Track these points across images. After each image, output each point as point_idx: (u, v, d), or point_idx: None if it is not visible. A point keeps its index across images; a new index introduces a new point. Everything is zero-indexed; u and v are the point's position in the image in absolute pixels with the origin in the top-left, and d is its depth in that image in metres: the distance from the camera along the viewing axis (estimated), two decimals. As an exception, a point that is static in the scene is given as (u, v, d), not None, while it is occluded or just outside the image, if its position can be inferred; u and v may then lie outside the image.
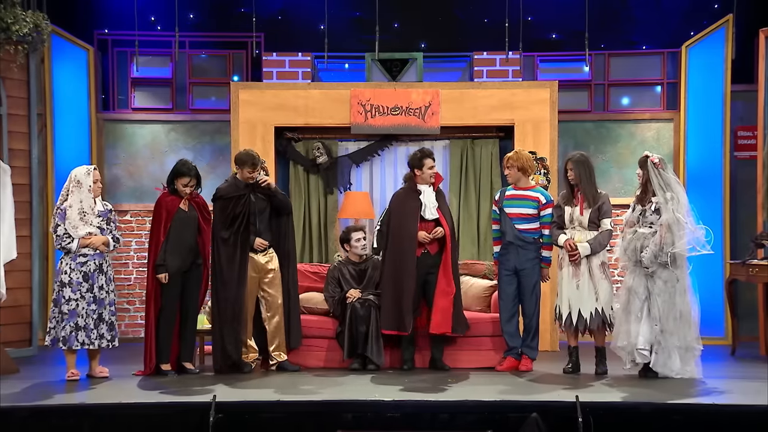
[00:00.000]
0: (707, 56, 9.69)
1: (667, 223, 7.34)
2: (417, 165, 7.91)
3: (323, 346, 8.06)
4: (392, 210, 8.03)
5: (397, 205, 7.96)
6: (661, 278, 7.39)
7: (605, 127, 10.18)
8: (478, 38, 10.19)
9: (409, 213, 7.83)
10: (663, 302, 7.38)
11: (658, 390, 6.94)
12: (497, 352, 8.00)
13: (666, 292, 7.39)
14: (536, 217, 7.76)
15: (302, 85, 9.73)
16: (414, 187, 7.93)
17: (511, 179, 7.85)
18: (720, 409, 6.21)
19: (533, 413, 5.91)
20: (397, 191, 8.12)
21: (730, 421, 6.04)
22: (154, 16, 10.31)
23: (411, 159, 8.02)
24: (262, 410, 6.19)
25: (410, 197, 7.90)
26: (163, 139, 10.22)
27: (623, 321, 7.48)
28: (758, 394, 6.74)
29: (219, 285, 7.66)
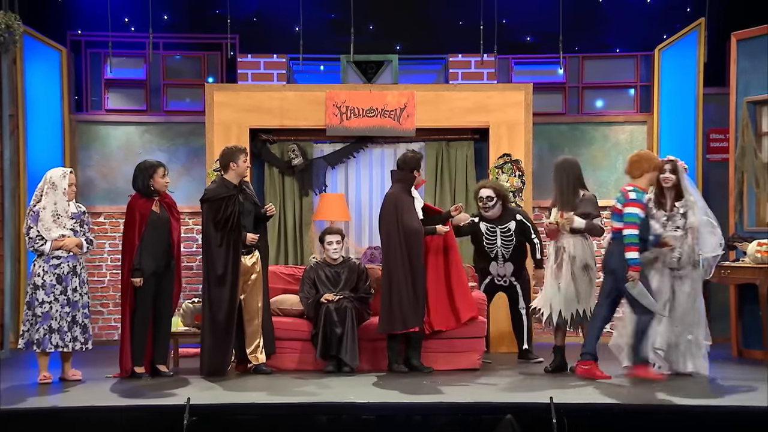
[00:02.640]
0: (680, 59, 9.77)
1: (698, 225, 7.50)
2: (417, 166, 7.97)
3: (298, 348, 8.06)
4: (393, 209, 7.90)
5: (397, 203, 7.89)
6: (690, 279, 7.56)
7: (579, 129, 10.24)
8: (453, 40, 10.22)
9: (412, 211, 7.85)
10: (687, 302, 7.55)
11: (630, 391, 6.99)
12: (471, 354, 8.02)
13: (693, 292, 7.57)
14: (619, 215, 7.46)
15: (277, 86, 9.72)
16: (408, 187, 7.95)
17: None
18: (690, 410, 6.26)
19: (508, 415, 5.94)
20: (392, 193, 8.00)
21: (700, 422, 6.09)
22: (127, 17, 10.27)
23: (410, 160, 7.99)
24: (237, 413, 6.18)
25: (407, 196, 7.91)
26: (137, 141, 10.18)
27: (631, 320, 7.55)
28: (729, 396, 6.81)
29: (213, 286, 7.64)
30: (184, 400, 6.00)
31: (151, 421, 6.13)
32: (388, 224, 7.87)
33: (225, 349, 7.64)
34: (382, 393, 6.82)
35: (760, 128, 9.05)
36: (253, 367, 7.80)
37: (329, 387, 7.09)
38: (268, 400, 6.53)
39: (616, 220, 7.40)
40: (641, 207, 7.29)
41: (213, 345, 7.63)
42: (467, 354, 8.05)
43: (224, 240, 7.63)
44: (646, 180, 7.42)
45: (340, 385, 7.19)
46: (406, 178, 7.96)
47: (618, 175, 10.12)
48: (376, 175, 9.91)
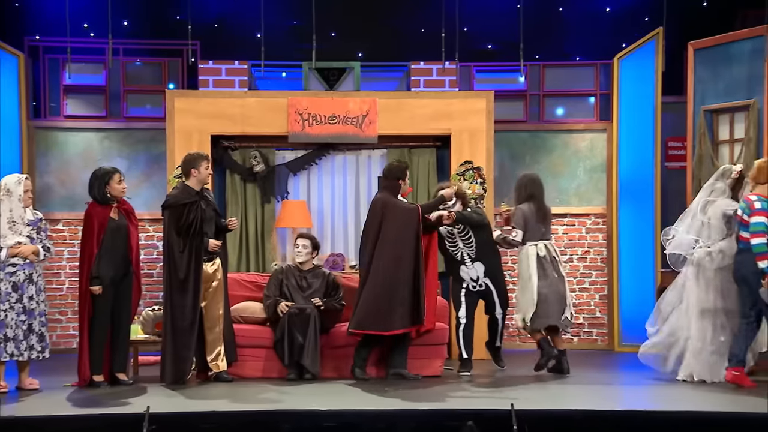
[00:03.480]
0: (638, 68, 9.86)
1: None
2: (402, 176, 7.96)
3: (259, 356, 7.99)
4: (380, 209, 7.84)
5: (386, 205, 7.84)
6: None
7: (540, 136, 10.29)
8: (415, 48, 10.24)
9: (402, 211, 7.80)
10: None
11: (591, 397, 7.02)
12: (433, 361, 8.01)
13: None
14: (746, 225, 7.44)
15: (239, 93, 9.66)
16: (395, 195, 7.92)
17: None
18: (649, 415, 6.29)
19: (469, 421, 5.92)
20: (380, 197, 7.96)
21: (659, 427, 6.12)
22: (87, 22, 10.17)
23: (395, 169, 7.99)
24: (197, 421, 6.11)
25: (397, 202, 7.89)
26: (96, 147, 10.06)
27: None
28: (686, 400, 6.86)
29: (175, 293, 7.55)
30: (144, 409, 5.91)
31: (109, 430, 6.03)
32: (377, 226, 7.81)
33: (186, 356, 7.56)
34: (344, 400, 6.78)
35: (717, 136, 9.15)
36: (214, 375, 7.72)
37: (291, 395, 7.03)
38: (228, 408, 6.47)
39: (743, 230, 7.39)
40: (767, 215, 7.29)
41: (174, 352, 7.54)
42: (429, 361, 8.03)
43: (186, 246, 7.56)
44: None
45: (303, 392, 7.14)
46: (391, 186, 7.96)
47: (578, 182, 10.19)
48: (339, 182, 9.88)
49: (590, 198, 10.18)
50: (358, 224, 9.88)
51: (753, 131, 8.70)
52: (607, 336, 10.07)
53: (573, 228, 10.17)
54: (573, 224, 10.17)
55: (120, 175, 7.66)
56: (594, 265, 10.15)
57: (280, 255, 9.71)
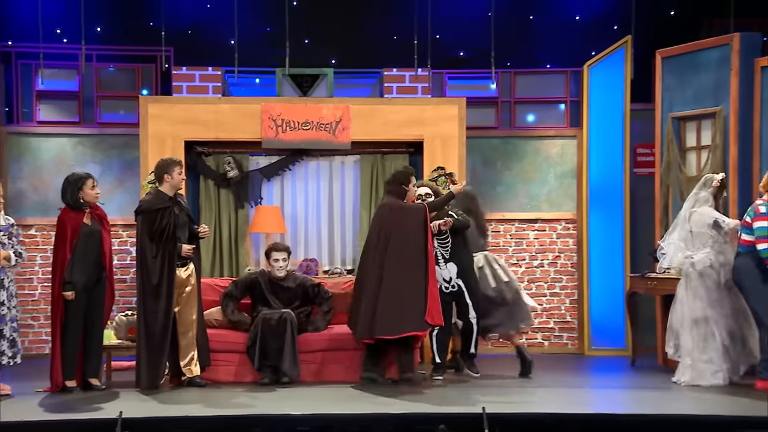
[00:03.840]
0: (608, 75, 9.93)
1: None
2: (406, 181, 7.95)
3: (233, 361, 7.97)
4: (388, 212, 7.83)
5: (392, 208, 7.84)
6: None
7: (511, 143, 10.34)
8: (388, 55, 10.26)
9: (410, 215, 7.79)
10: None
11: (562, 401, 7.06)
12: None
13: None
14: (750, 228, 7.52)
15: (212, 99, 9.64)
16: (401, 199, 7.92)
17: None
18: (619, 418, 6.34)
19: (441, 425, 5.94)
20: (386, 203, 7.95)
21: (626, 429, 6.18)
22: (60, 28, 10.10)
23: (399, 175, 7.99)
24: (170, 426, 6.09)
25: (402, 204, 7.88)
26: (69, 153, 10.00)
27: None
28: (656, 403, 6.92)
29: (148, 297, 7.51)
30: (116, 414, 5.89)
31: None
32: (384, 231, 7.77)
33: (160, 361, 7.53)
34: (317, 405, 6.78)
35: (684, 143, 9.24)
36: (188, 379, 7.69)
37: (264, 399, 7.03)
38: (202, 413, 6.44)
39: (746, 233, 7.46)
40: None
41: (148, 357, 7.51)
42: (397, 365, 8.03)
43: (159, 251, 7.54)
44: None
45: (276, 397, 7.14)
46: (396, 191, 7.94)
47: (549, 187, 10.25)
48: (312, 188, 9.88)
49: (561, 203, 10.25)
50: (332, 229, 9.89)
51: (719, 138, 8.79)
52: (578, 340, 10.13)
53: (544, 233, 10.23)
54: (544, 229, 10.23)
55: (93, 180, 7.62)
56: (564, 269, 10.21)
57: (254, 260, 9.69)
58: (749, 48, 8.68)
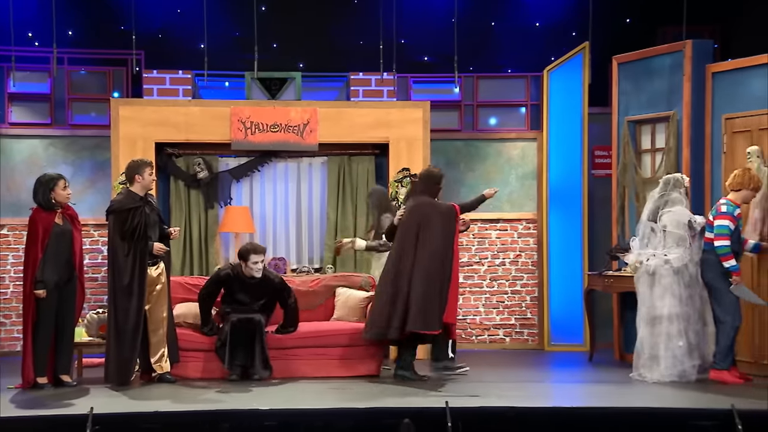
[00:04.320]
0: (566, 80, 10.00)
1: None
2: (439, 181, 7.95)
3: (202, 358, 7.93)
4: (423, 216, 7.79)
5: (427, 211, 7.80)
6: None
7: (474, 145, 10.38)
8: (355, 59, 10.26)
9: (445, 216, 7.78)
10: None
11: (523, 395, 7.10)
12: (371, 361, 8.02)
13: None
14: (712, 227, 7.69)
15: (183, 102, 9.58)
16: (434, 197, 7.91)
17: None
18: (576, 411, 6.39)
19: (406, 419, 5.95)
20: (418, 201, 7.87)
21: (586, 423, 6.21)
22: (31, 32, 10.00)
23: (435, 175, 7.96)
24: (140, 422, 6.04)
25: (435, 203, 7.86)
26: (41, 154, 9.90)
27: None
28: (613, 397, 6.98)
29: (119, 296, 7.46)
30: (87, 410, 5.83)
31: (54, 431, 5.93)
32: (416, 227, 7.73)
33: (131, 358, 7.48)
34: (284, 400, 6.77)
35: (639, 146, 9.32)
36: (158, 376, 7.65)
37: (232, 395, 7.00)
38: (171, 408, 6.42)
39: (709, 231, 7.57)
40: (732, 219, 7.46)
41: (119, 354, 7.46)
42: (367, 361, 8.04)
43: (131, 250, 7.49)
44: (742, 196, 7.60)
45: (244, 393, 7.11)
46: (429, 190, 7.90)
47: (510, 189, 10.30)
48: (280, 189, 9.86)
49: (522, 204, 10.30)
50: (300, 229, 9.87)
51: (673, 141, 8.88)
52: (538, 336, 10.19)
53: (505, 233, 10.27)
54: (505, 229, 10.27)
55: (64, 181, 7.55)
56: (525, 268, 10.27)
57: (224, 259, 9.65)
58: (701, 54, 8.78)
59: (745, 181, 7.64)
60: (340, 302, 8.59)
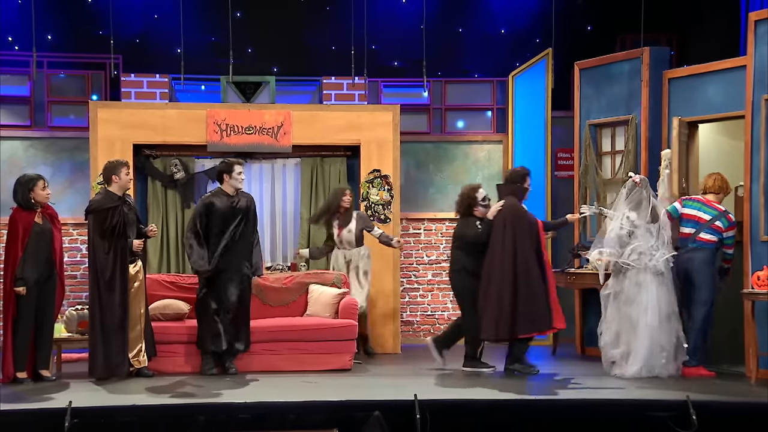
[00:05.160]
0: (531, 85, 10.06)
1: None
2: (522, 181, 7.96)
3: (180, 352, 7.90)
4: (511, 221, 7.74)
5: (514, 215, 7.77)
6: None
7: (443, 147, 10.41)
8: (327, 64, 10.27)
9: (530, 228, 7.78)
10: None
11: (489, 388, 7.12)
12: (342, 355, 8.02)
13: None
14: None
15: (160, 104, 9.53)
16: (521, 198, 7.89)
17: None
18: (539, 403, 6.43)
19: (376, 412, 5.96)
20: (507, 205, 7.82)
21: (550, 414, 6.27)
22: (11, 36, 9.91)
23: (517, 175, 7.96)
24: (118, 415, 6.01)
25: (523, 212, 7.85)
26: (21, 155, 9.81)
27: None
28: (573, 390, 7.03)
29: (102, 292, 7.40)
30: (66, 403, 5.79)
31: (33, 424, 5.90)
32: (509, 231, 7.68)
33: (119, 351, 7.43)
34: (257, 393, 6.75)
35: (600, 148, 9.38)
36: (136, 370, 7.60)
37: (208, 389, 6.97)
38: (148, 402, 6.38)
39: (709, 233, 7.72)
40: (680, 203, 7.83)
41: (106, 349, 7.40)
42: (339, 355, 8.04)
43: (111, 248, 7.44)
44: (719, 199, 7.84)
45: (219, 386, 7.08)
46: (515, 191, 7.89)
47: (477, 189, 10.32)
48: (255, 189, 9.81)
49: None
50: (274, 228, 9.85)
51: (631, 144, 8.95)
52: (503, 330, 10.20)
53: (472, 231, 10.28)
54: (472, 228, 10.28)
55: (44, 181, 7.48)
56: (491, 265, 10.28)
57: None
58: (658, 61, 8.86)
59: (724, 186, 7.84)
60: (313, 299, 8.58)
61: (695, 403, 6.03)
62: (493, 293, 7.61)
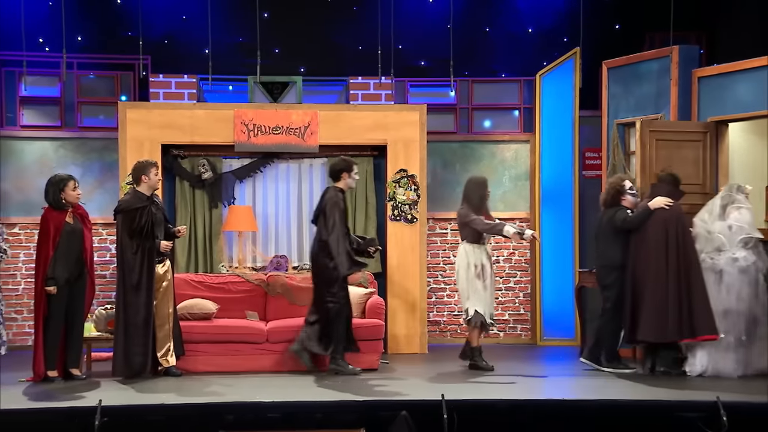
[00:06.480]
0: (558, 84, 10.02)
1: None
2: (677, 181, 7.92)
3: (208, 351, 7.95)
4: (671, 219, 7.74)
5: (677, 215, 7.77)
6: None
7: (469, 147, 10.39)
8: (354, 64, 10.27)
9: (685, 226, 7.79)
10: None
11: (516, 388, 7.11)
12: (370, 355, 8.04)
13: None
14: None
15: (188, 105, 9.60)
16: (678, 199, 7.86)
17: None
18: (567, 404, 6.41)
19: (403, 411, 5.97)
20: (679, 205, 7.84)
21: (576, 414, 6.24)
22: (42, 37, 10.01)
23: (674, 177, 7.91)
24: (147, 413, 6.07)
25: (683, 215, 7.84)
26: (51, 156, 9.91)
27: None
28: (602, 390, 7.00)
29: (128, 292, 7.48)
30: (96, 402, 5.86)
31: (63, 422, 5.97)
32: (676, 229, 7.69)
33: (144, 352, 7.50)
34: (285, 393, 6.78)
35: (628, 147, 9.34)
36: (164, 369, 7.67)
37: (236, 387, 7.02)
38: (176, 401, 6.43)
39: None
40: None
41: (127, 349, 7.46)
42: (367, 355, 8.06)
43: (139, 248, 7.51)
44: None
45: (247, 385, 7.13)
46: (671, 193, 7.86)
47: (504, 189, 10.31)
48: (282, 189, 9.87)
49: (515, 204, 10.31)
50: (301, 228, 9.88)
51: (660, 143, 8.90)
52: (530, 331, 10.20)
53: (499, 231, 10.26)
54: (499, 228, 10.26)
55: (74, 182, 7.57)
56: (518, 265, 10.28)
57: (227, 256, 9.67)
58: (687, 59, 8.80)
59: None
60: (340, 298, 8.59)
61: (725, 404, 5.99)
62: (660, 292, 7.60)
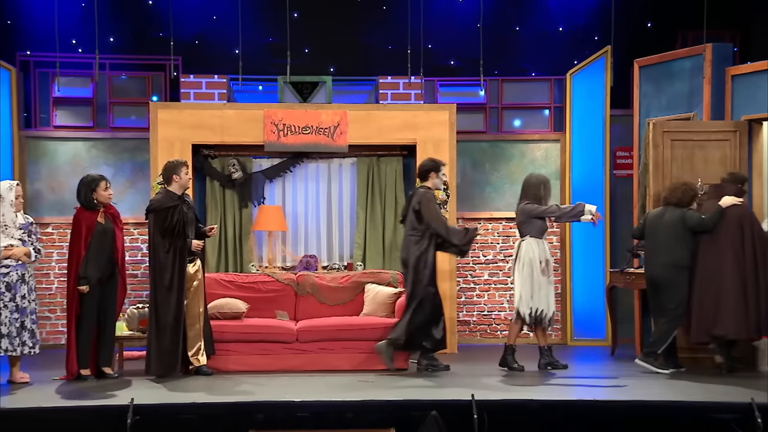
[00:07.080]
0: (589, 83, 9.96)
1: None
2: (743, 180, 7.96)
3: (239, 350, 7.99)
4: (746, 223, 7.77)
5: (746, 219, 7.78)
6: None
7: (499, 146, 10.36)
8: (383, 63, 10.27)
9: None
10: None
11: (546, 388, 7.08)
12: (399, 355, 8.03)
13: None
14: None
15: (218, 105, 9.65)
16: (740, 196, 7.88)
17: None
18: (598, 404, 6.37)
19: (433, 411, 5.96)
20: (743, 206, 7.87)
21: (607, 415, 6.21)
22: (75, 39, 10.12)
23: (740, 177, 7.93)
24: (178, 412, 6.11)
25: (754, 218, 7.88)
26: (84, 156, 10.02)
27: None
28: (634, 390, 6.95)
29: (160, 291, 7.53)
30: (128, 401, 5.91)
31: (96, 420, 6.02)
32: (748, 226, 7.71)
33: (174, 350, 7.55)
34: (316, 392, 6.79)
35: (660, 146, 9.25)
36: (195, 368, 7.71)
37: (266, 386, 7.05)
38: (207, 399, 6.46)
39: None
40: None
41: (159, 348, 7.52)
42: (396, 355, 8.05)
43: (171, 247, 7.56)
44: None
45: (277, 384, 7.16)
46: (737, 192, 7.85)
47: (534, 188, 10.25)
48: (311, 188, 9.90)
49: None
50: (330, 228, 9.91)
51: (693, 142, 8.81)
52: (561, 331, 10.16)
53: (529, 231, 10.21)
54: (529, 227, 10.21)
55: (106, 182, 7.64)
56: (549, 265, 10.21)
57: (257, 256, 9.71)
58: (720, 58, 8.71)
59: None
60: (369, 298, 8.61)
61: (760, 405, 5.92)
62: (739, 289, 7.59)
